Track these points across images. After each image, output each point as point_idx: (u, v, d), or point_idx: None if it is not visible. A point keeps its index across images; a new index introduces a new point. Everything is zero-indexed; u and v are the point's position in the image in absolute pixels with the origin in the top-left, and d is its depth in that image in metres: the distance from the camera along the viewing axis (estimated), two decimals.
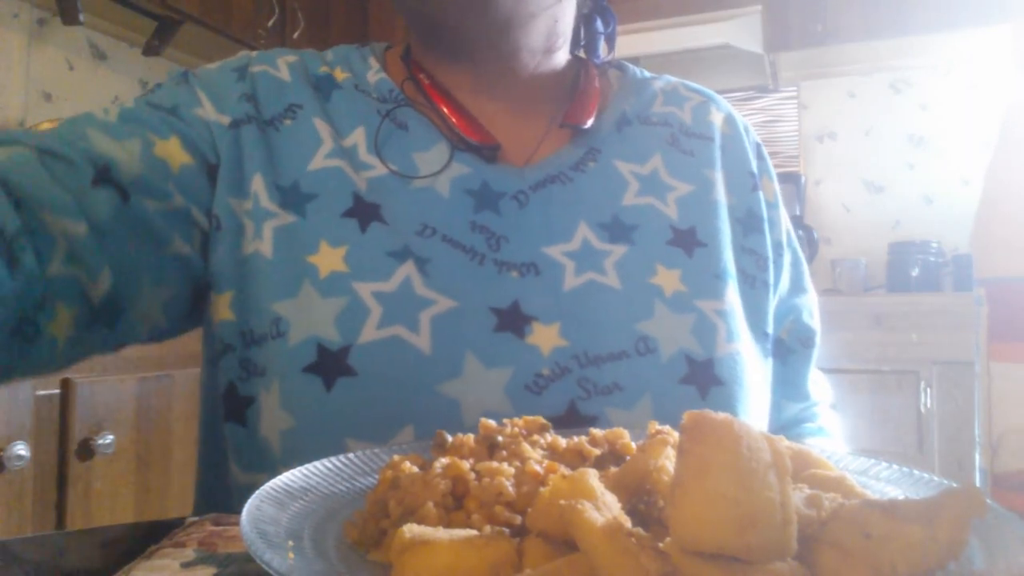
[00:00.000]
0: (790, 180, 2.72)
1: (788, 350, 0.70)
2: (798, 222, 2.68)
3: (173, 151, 0.57)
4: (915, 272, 2.51)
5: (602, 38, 0.74)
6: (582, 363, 0.55)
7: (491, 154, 0.62)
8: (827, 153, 2.89)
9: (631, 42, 2.69)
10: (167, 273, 0.56)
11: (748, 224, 0.67)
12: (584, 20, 0.73)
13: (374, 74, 0.65)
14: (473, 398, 0.53)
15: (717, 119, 0.71)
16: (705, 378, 0.57)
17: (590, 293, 0.58)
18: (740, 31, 2.60)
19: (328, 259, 0.56)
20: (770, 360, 0.65)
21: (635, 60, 2.89)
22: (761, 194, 0.69)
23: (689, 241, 0.62)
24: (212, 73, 0.63)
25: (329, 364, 0.53)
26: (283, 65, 0.65)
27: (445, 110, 0.63)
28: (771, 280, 0.67)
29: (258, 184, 0.58)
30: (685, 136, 0.69)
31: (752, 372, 0.61)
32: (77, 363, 0.53)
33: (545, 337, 0.56)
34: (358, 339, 0.54)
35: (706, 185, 0.66)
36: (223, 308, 0.58)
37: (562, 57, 0.69)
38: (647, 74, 0.75)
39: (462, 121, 0.62)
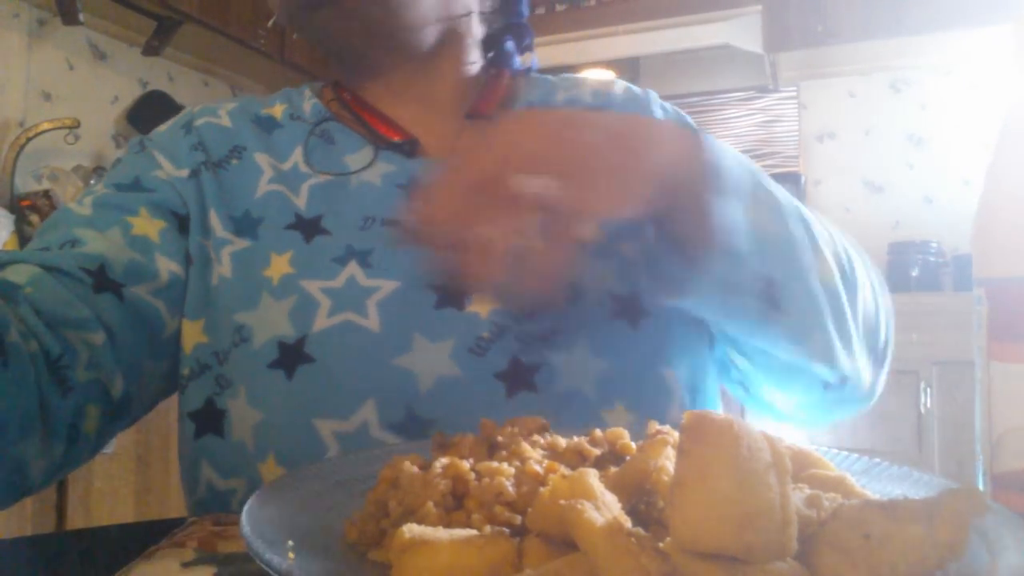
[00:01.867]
0: (790, 180, 2.72)
1: None
2: None
3: (146, 225, 0.63)
4: (915, 272, 2.51)
5: (515, 53, 0.78)
6: (519, 319, 0.60)
7: (411, 148, 0.69)
8: (827, 153, 2.89)
9: (631, 42, 2.69)
10: (166, 348, 0.63)
11: None
12: (494, 37, 0.77)
13: (307, 101, 0.74)
14: (424, 368, 0.57)
15: (618, 89, 0.77)
16: (632, 312, 0.62)
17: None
18: (740, 31, 2.59)
19: (278, 267, 0.62)
20: None
21: (635, 60, 2.89)
22: None
23: None
24: (163, 135, 0.70)
25: (289, 356, 0.58)
26: (224, 113, 0.72)
27: (365, 117, 0.70)
28: None
29: (214, 219, 0.65)
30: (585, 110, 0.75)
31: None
32: (97, 454, 0.60)
33: (483, 304, 0.60)
34: (312, 329, 0.59)
35: None
36: (197, 333, 0.63)
37: (471, 68, 0.75)
38: (556, 78, 0.81)
39: (381, 125, 0.69)
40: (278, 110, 0.73)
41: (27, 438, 0.50)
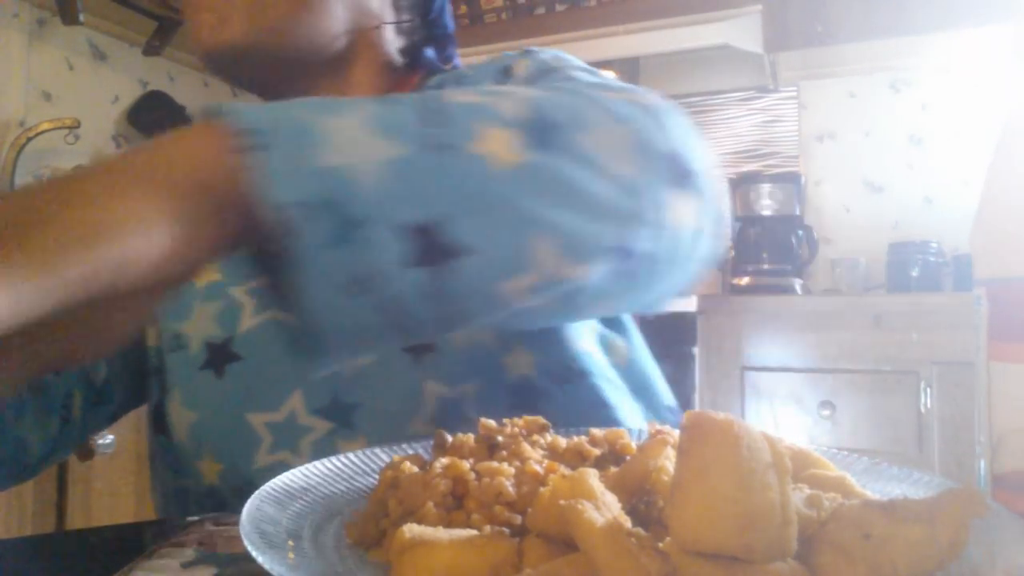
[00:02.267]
0: (790, 180, 2.72)
1: None
2: (798, 222, 2.68)
3: None
4: (915, 272, 2.51)
5: (435, 61, 0.78)
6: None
7: None
8: (827, 153, 2.89)
9: (631, 42, 2.69)
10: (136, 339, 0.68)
11: None
12: (414, 46, 0.76)
13: None
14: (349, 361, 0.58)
15: (519, 65, 0.71)
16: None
17: None
18: (740, 31, 2.59)
19: (206, 273, 0.66)
20: None
21: (635, 60, 2.89)
22: None
23: None
24: None
25: (217, 356, 0.62)
26: None
27: None
28: None
29: None
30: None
31: None
32: (85, 439, 0.68)
33: None
34: (238, 330, 0.62)
35: None
36: (152, 336, 0.68)
37: (388, 79, 0.74)
38: (474, 65, 0.77)
39: None
40: None
41: (23, 416, 0.56)
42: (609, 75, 0.76)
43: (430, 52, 0.78)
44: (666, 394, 0.73)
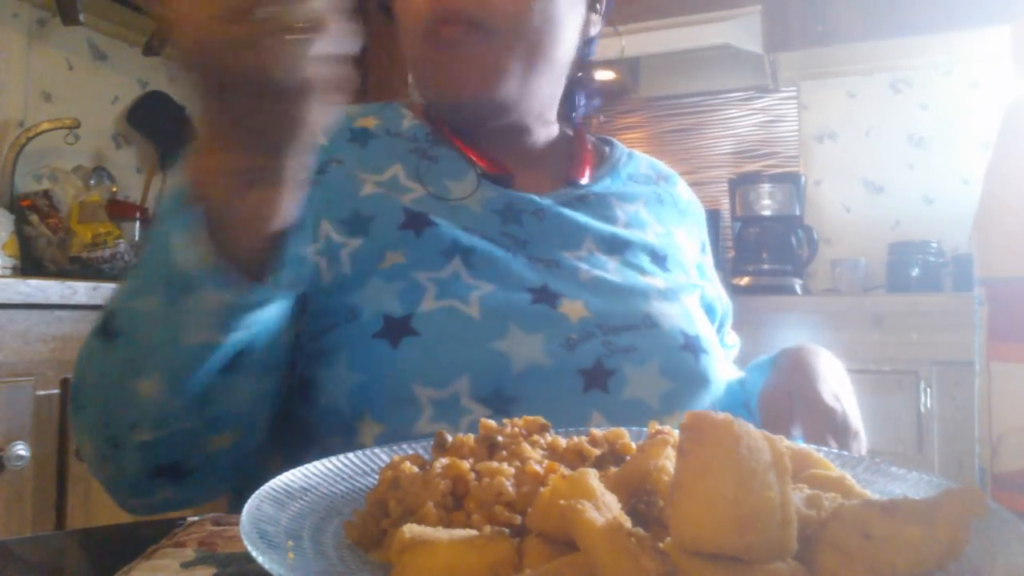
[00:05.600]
0: (790, 180, 2.72)
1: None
2: (798, 222, 2.68)
3: None
4: (915, 272, 2.51)
5: (583, 109, 0.90)
6: (604, 330, 0.69)
7: (507, 181, 0.77)
8: (827, 153, 2.89)
9: (631, 42, 2.68)
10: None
11: (698, 272, 0.87)
12: (567, 95, 0.86)
13: (408, 120, 0.80)
14: (518, 353, 0.65)
15: (682, 192, 0.92)
16: (696, 348, 0.72)
17: (601, 282, 0.73)
18: (740, 31, 2.59)
19: (391, 259, 0.69)
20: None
21: (635, 60, 2.89)
22: (703, 259, 0.90)
23: (662, 264, 0.80)
24: None
25: (394, 329, 0.65)
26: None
27: (466, 148, 0.77)
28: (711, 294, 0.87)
29: (326, 227, 0.71)
30: (660, 192, 0.88)
31: (717, 345, 0.79)
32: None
33: (572, 309, 0.69)
34: (419, 308, 0.65)
35: (671, 232, 0.85)
36: (303, 319, 0.69)
37: (554, 126, 0.86)
38: (627, 150, 0.93)
39: (482, 157, 0.77)
40: (371, 122, 0.79)
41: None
42: (609, 75, 0.84)
43: (580, 99, 0.89)
44: None
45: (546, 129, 0.84)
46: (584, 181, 0.81)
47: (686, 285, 0.80)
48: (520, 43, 0.71)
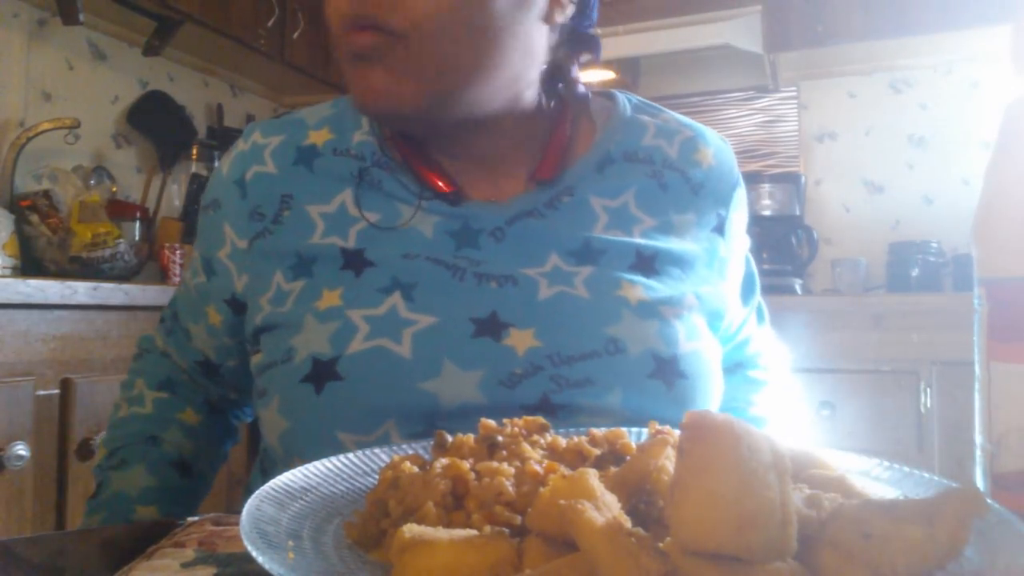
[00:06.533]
0: (790, 180, 2.72)
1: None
2: (798, 222, 2.68)
3: (213, 315, 0.76)
4: (915, 272, 2.51)
5: (577, 82, 0.76)
6: (555, 362, 0.62)
7: (455, 199, 0.70)
8: (827, 153, 2.89)
9: (631, 42, 2.69)
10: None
11: (705, 260, 0.74)
12: (556, 65, 0.73)
13: (361, 134, 0.74)
14: (449, 393, 0.61)
15: (704, 156, 0.77)
16: (671, 373, 0.64)
17: (562, 302, 0.65)
18: (740, 31, 2.59)
19: (328, 300, 0.66)
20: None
21: (635, 60, 2.89)
22: (720, 238, 0.77)
23: (649, 267, 0.70)
24: (225, 195, 0.74)
25: (321, 373, 0.62)
26: (268, 157, 0.74)
27: (415, 166, 0.71)
28: (724, 293, 0.76)
29: (279, 277, 0.70)
30: (667, 170, 0.75)
31: (711, 362, 0.69)
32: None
33: (520, 339, 0.63)
34: (346, 351, 0.62)
35: (671, 222, 0.74)
36: (256, 358, 0.71)
37: (527, 105, 0.72)
38: (640, 105, 0.79)
39: (430, 174, 0.71)
40: (321, 137, 0.74)
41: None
42: (609, 75, 0.78)
43: (573, 70, 0.75)
44: None
45: (521, 116, 0.72)
46: (552, 178, 0.71)
47: (676, 291, 0.70)
48: (443, 45, 0.63)
